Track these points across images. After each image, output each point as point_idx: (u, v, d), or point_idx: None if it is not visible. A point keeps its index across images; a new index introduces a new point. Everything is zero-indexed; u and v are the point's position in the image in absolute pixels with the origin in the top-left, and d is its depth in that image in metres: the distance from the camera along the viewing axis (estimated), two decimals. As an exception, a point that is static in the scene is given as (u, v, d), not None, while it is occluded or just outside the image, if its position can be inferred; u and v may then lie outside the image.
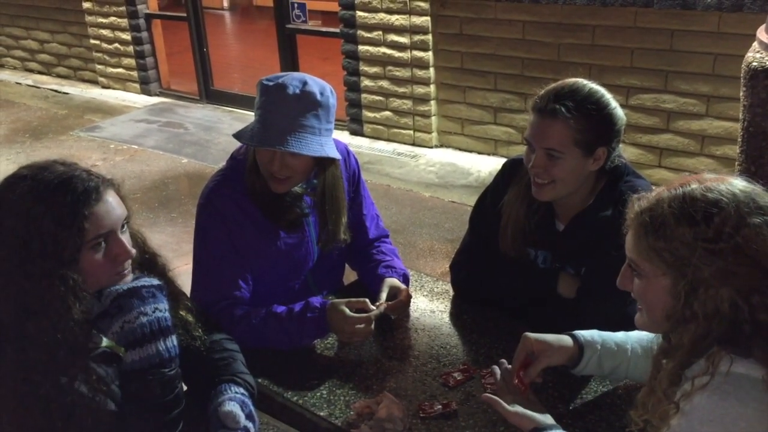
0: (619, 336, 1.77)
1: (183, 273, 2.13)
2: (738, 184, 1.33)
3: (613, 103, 1.91)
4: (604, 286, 1.90)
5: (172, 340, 1.57)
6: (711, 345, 1.28)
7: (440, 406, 1.76)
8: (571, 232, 2.03)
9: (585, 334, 1.76)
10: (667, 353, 1.35)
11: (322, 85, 1.98)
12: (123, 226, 1.57)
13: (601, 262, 1.91)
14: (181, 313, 1.73)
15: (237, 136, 1.99)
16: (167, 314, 1.57)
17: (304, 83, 1.94)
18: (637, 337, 1.78)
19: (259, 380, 1.90)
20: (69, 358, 1.45)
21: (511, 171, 2.12)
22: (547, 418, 1.59)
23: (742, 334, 1.26)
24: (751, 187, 1.33)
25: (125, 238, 1.56)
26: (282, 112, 1.92)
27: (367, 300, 2.00)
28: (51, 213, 1.45)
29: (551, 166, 1.90)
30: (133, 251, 1.58)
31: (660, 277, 1.34)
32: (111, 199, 1.54)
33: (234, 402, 1.64)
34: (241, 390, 1.71)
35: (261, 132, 1.93)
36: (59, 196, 1.47)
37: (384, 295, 2.09)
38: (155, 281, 1.60)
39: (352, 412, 1.75)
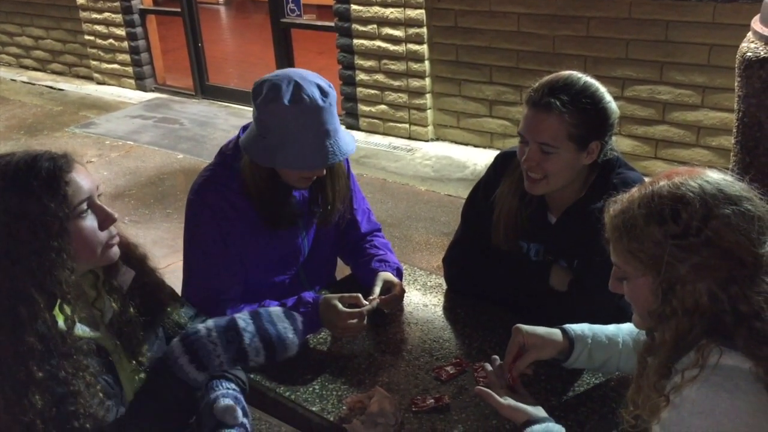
0: (611, 329, 1.77)
1: (179, 269, 2.12)
2: (708, 176, 1.32)
3: (607, 97, 1.90)
4: (596, 279, 1.90)
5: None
6: (697, 339, 1.28)
7: (433, 400, 1.76)
8: (563, 225, 2.02)
9: (576, 328, 1.76)
10: (650, 350, 1.35)
11: (322, 79, 1.97)
12: (98, 194, 1.58)
13: (593, 254, 1.90)
14: (160, 298, 1.75)
15: (288, 165, 1.94)
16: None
17: (320, 87, 1.92)
18: (628, 330, 1.78)
19: (251, 375, 1.89)
20: (59, 341, 1.44)
21: (503, 164, 2.11)
22: (540, 411, 1.59)
23: (725, 325, 1.26)
24: (722, 177, 1.32)
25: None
26: (323, 124, 1.90)
27: (360, 295, 1.99)
28: (32, 192, 1.45)
29: (544, 161, 1.89)
30: (116, 214, 1.59)
31: (641, 278, 1.34)
32: (80, 168, 1.56)
33: (228, 398, 1.64)
34: (233, 386, 1.71)
35: (315, 151, 1.91)
36: (32, 173, 1.46)
37: (378, 289, 2.08)
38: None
39: (344, 407, 1.74)
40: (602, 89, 1.90)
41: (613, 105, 1.91)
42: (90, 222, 1.53)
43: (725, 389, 1.22)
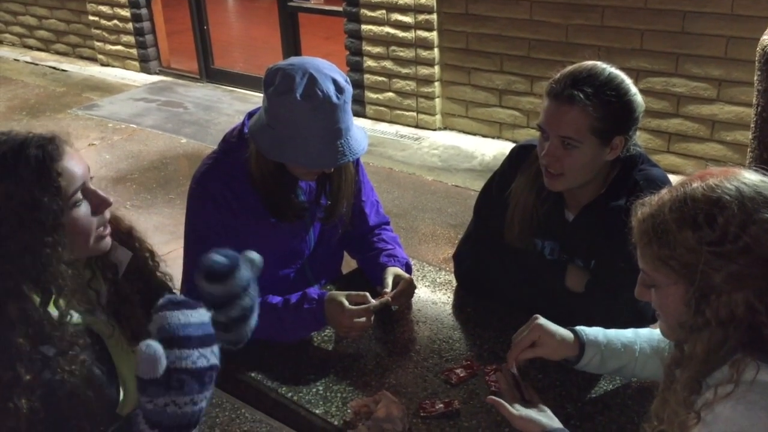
0: (628, 335, 1.69)
1: (180, 256, 2.04)
2: (746, 177, 1.23)
3: (633, 89, 1.81)
4: (615, 281, 1.82)
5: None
6: (731, 352, 1.20)
7: (442, 405, 1.68)
8: (581, 223, 1.93)
9: (589, 332, 1.68)
10: (679, 363, 1.27)
11: (340, 73, 1.86)
12: (90, 178, 1.49)
13: (612, 254, 1.82)
14: (157, 272, 1.69)
15: (296, 161, 1.85)
16: (205, 405, 1.31)
17: (335, 82, 1.81)
18: (647, 336, 1.70)
19: (252, 374, 1.82)
20: (54, 336, 1.37)
21: (519, 157, 2.02)
22: (554, 421, 1.51)
23: (762, 339, 1.18)
24: (759, 178, 1.24)
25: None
26: (335, 123, 1.81)
27: (368, 294, 1.91)
28: (22, 183, 1.36)
29: (566, 156, 1.80)
30: (111, 198, 1.51)
31: (672, 286, 1.25)
32: (70, 153, 1.46)
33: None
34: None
35: (325, 150, 1.82)
36: (22, 163, 1.37)
37: (390, 282, 2.00)
38: (218, 361, 1.32)
39: (349, 411, 1.66)
40: (627, 81, 1.81)
41: (638, 98, 1.82)
42: (84, 210, 1.46)
43: (762, 407, 1.14)
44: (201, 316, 1.25)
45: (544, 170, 1.85)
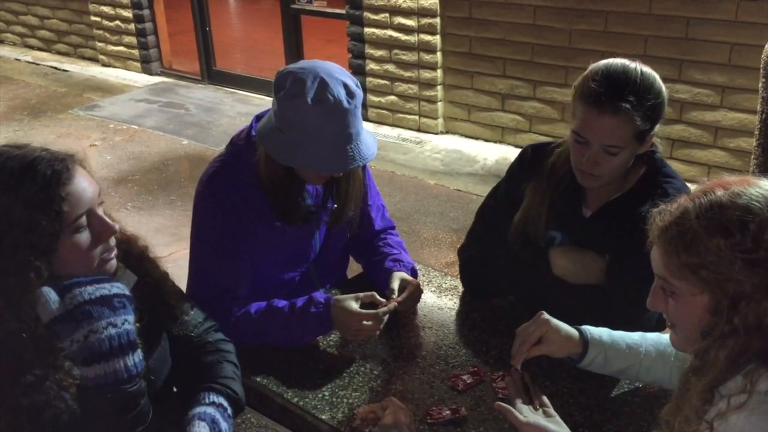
0: (634, 337, 1.69)
1: (181, 258, 2.03)
2: (766, 184, 1.22)
3: (662, 84, 1.80)
4: (629, 284, 1.80)
5: (138, 355, 1.41)
6: (748, 361, 1.19)
7: (449, 412, 1.67)
8: (598, 220, 1.91)
9: (594, 331, 1.68)
10: (698, 371, 1.25)
11: (351, 77, 1.85)
12: (99, 203, 1.45)
13: (627, 257, 1.79)
14: (164, 297, 1.63)
15: (306, 165, 1.83)
16: (133, 327, 1.41)
17: (346, 87, 1.79)
18: (654, 340, 1.69)
19: (258, 379, 1.81)
20: (38, 358, 1.33)
21: (533, 158, 2.01)
22: (563, 428, 1.50)
23: None
24: None
25: (103, 214, 1.45)
26: (346, 128, 1.79)
27: (375, 293, 1.90)
28: (23, 202, 1.32)
29: (606, 161, 1.78)
30: (117, 226, 1.46)
31: (698, 296, 1.23)
32: (82, 175, 1.42)
33: (203, 423, 1.51)
34: (219, 399, 1.59)
35: (335, 155, 1.80)
36: (27, 181, 1.33)
37: (396, 287, 1.98)
38: (125, 290, 1.43)
39: (356, 417, 1.65)
40: (659, 78, 1.79)
41: (666, 91, 1.81)
42: (86, 236, 1.41)
43: (776, 419, 1.13)
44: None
45: (579, 171, 1.85)
